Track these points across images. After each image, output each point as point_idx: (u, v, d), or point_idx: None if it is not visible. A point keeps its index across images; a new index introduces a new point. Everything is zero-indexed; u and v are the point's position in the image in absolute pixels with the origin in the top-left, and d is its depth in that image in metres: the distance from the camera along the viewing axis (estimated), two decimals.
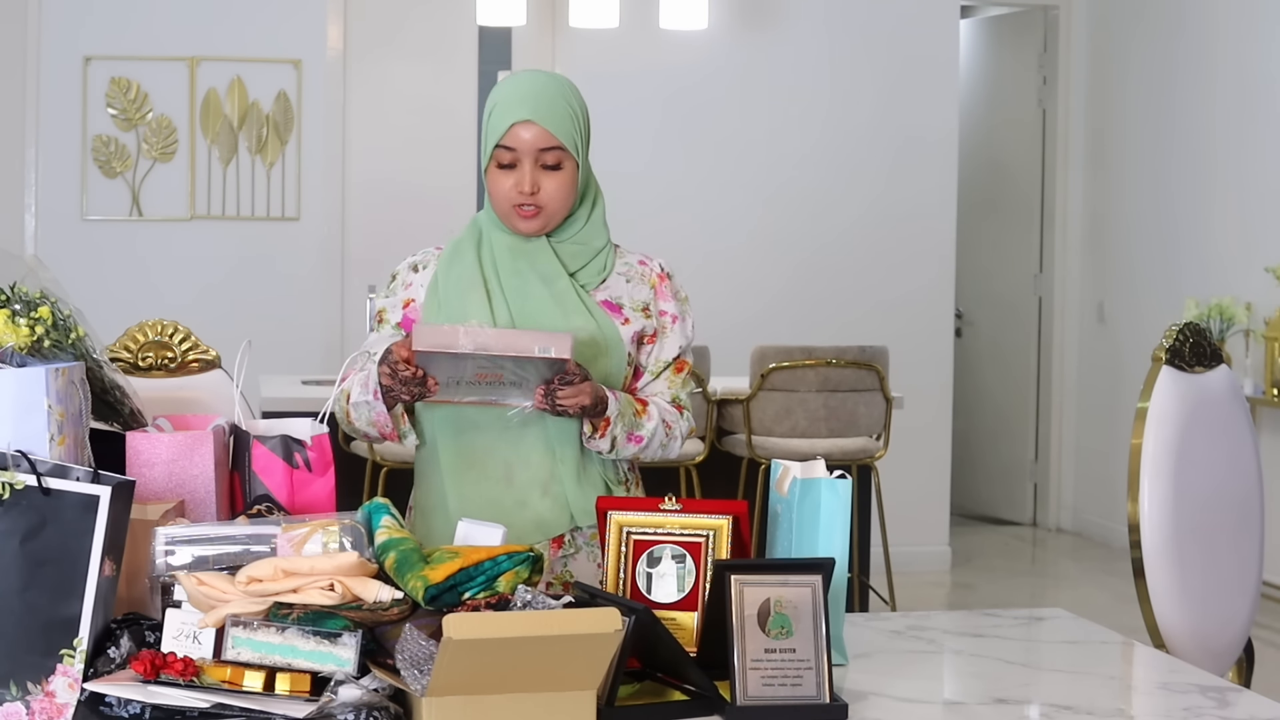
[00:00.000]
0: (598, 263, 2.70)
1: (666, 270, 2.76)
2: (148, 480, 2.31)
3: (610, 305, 2.70)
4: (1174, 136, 7.58)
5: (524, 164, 2.60)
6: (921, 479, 7.41)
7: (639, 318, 2.71)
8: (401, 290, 2.73)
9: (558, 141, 2.60)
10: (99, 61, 6.83)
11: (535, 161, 2.59)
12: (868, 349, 5.82)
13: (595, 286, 2.69)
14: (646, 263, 2.76)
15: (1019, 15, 8.54)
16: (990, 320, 8.83)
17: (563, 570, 2.66)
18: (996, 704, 2.24)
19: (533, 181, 2.59)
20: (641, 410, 2.65)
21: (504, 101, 2.62)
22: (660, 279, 2.74)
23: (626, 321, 2.69)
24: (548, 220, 2.64)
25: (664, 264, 2.77)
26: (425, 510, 2.71)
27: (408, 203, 7.06)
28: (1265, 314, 6.73)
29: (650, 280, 2.74)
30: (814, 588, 2.17)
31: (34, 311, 2.26)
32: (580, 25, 6.91)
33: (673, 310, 2.74)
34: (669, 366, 2.74)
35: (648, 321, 2.71)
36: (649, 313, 2.72)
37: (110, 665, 2.01)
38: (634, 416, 2.63)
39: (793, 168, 7.37)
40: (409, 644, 1.93)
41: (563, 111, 2.62)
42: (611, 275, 2.72)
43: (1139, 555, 2.96)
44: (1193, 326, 3.08)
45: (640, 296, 2.72)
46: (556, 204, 2.63)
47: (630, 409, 2.63)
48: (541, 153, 2.59)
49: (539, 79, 2.67)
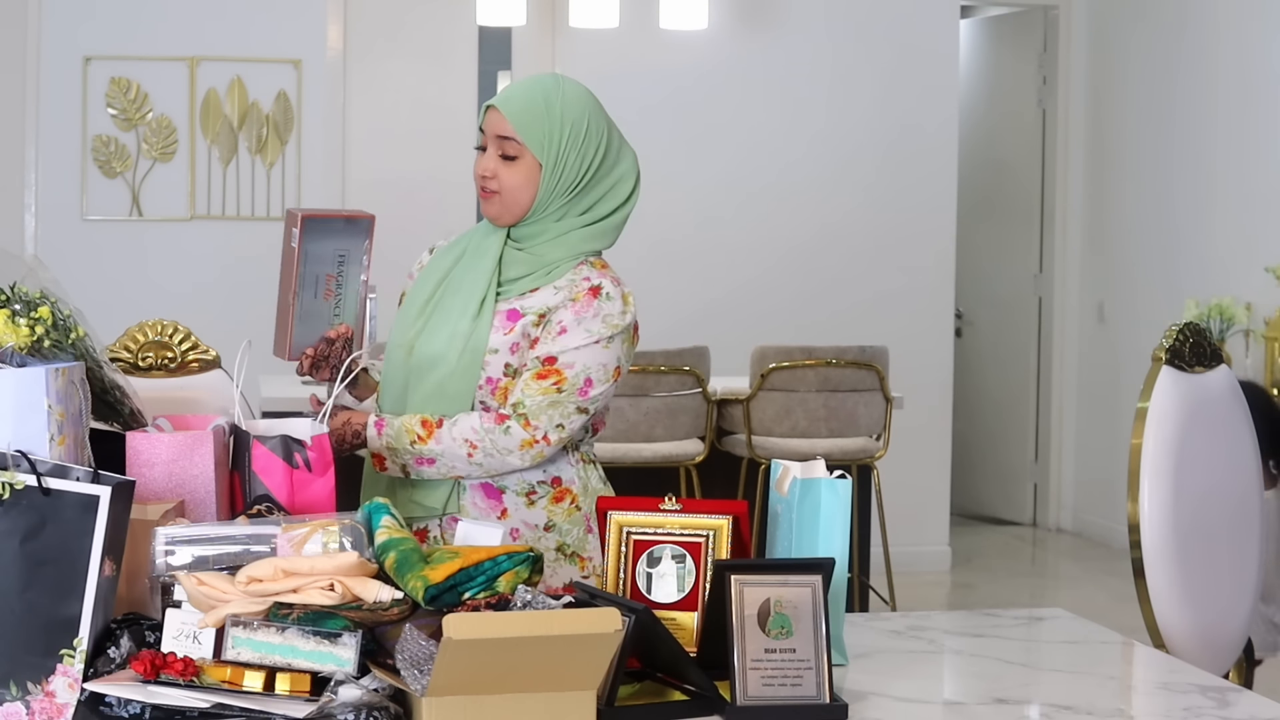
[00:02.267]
0: (537, 276, 2.67)
1: (602, 286, 2.65)
2: (148, 480, 2.31)
3: (513, 314, 2.66)
4: (1174, 136, 7.58)
5: (490, 149, 2.68)
6: (921, 479, 7.41)
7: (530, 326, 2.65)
8: (416, 270, 2.87)
9: (512, 132, 2.64)
10: (99, 61, 6.83)
11: (497, 149, 2.67)
12: (868, 349, 5.82)
13: (520, 293, 2.67)
14: (590, 278, 2.66)
15: (1019, 15, 8.54)
16: (990, 320, 8.83)
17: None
18: (996, 704, 2.24)
19: (487, 165, 2.67)
20: (425, 437, 2.62)
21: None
22: (589, 292, 2.64)
23: (510, 331, 2.65)
24: (504, 209, 2.67)
25: (609, 281, 2.66)
26: None
27: (408, 203, 7.05)
28: (1265, 314, 6.73)
29: (575, 293, 2.64)
30: (814, 588, 2.17)
31: (34, 311, 2.26)
32: (580, 25, 6.91)
33: (570, 323, 2.62)
34: (531, 371, 2.63)
35: (535, 329, 2.64)
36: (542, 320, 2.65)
37: (110, 665, 2.01)
38: (411, 444, 2.63)
39: (793, 168, 7.37)
40: (409, 644, 1.93)
41: (535, 109, 2.64)
42: (546, 286, 2.66)
43: (1139, 555, 2.96)
44: (1193, 326, 3.08)
45: (550, 302, 2.65)
46: (510, 195, 2.66)
47: (407, 438, 2.63)
48: (500, 140, 2.66)
49: (540, 79, 2.72)
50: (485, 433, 2.61)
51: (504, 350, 2.65)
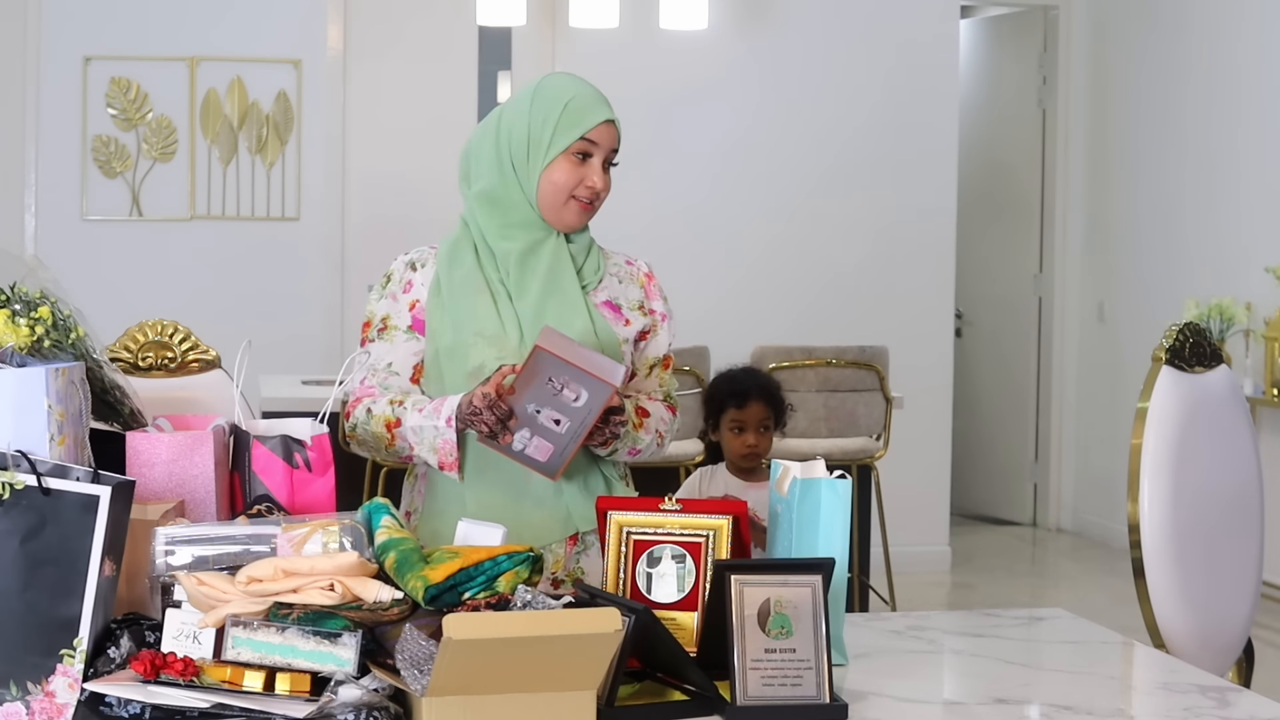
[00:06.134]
0: (593, 260, 2.76)
1: (650, 269, 2.84)
2: (148, 480, 2.31)
3: (611, 306, 2.73)
4: (1174, 136, 7.58)
5: (596, 160, 2.67)
6: (921, 479, 7.40)
7: (638, 316, 2.77)
8: (402, 293, 2.74)
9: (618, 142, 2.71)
10: (99, 61, 6.83)
11: (605, 160, 2.68)
12: (868, 349, 5.82)
13: (594, 287, 2.73)
14: (633, 263, 2.83)
15: (1019, 15, 8.54)
16: (990, 320, 8.83)
17: (575, 567, 2.68)
18: (996, 704, 2.24)
19: (602, 179, 2.68)
20: (639, 424, 2.68)
21: (581, 97, 2.67)
22: (648, 278, 2.82)
23: (628, 323, 2.74)
24: (592, 216, 2.73)
25: (647, 263, 2.85)
26: (435, 514, 2.72)
27: (407, 202, 7.06)
28: (1265, 314, 6.73)
29: (639, 279, 2.81)
30: (814, 588, 2.17)
31: (34, 311, 2.26)
32: (580, 25, 6.91)
33: (661, 309, 2.80)
34: (658, 364, 2.80)
35: (646, 319, 2.77)
36: (644, 310, 2.78)
37: (110, 665, 2.01)
38: (633, 431, 2.66)
39: (792, 168, 7.37)
40: (409, 644, 1.93)
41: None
42: (606, 276, 2.77)
43: (1139, 555, 2.96)
44: (1193, 326, 3.08)
45: (634, 295, 2.79)
46: (602, 202, 2.72)
47: (631, 427, 2.66)
48: (612, 153, 2.70)
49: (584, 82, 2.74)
50: (668, 425, 2.75)
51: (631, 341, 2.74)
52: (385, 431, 2.63)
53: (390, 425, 2.63)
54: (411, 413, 2.61)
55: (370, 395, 2.69)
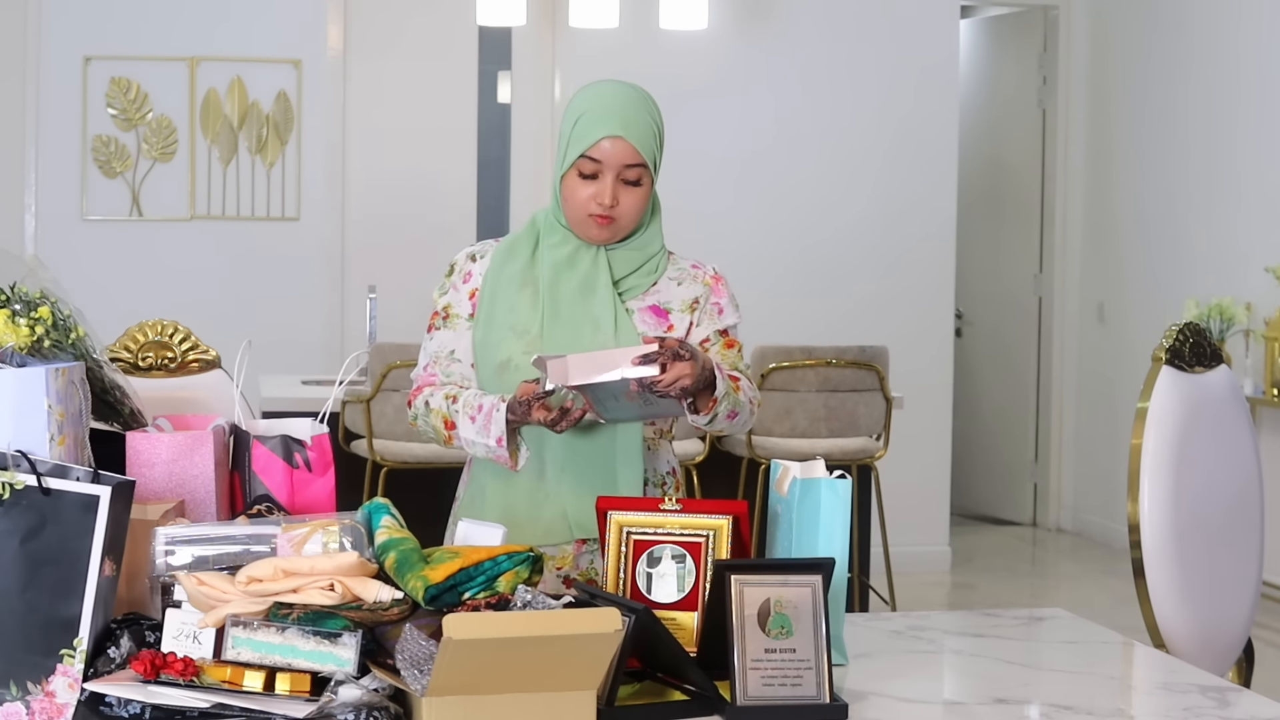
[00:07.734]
0: (649, 267, 2.72)
1: (718, 273, 2.80)
2: (148, 480, 2.31)
3: (656, 310, 2.72)
4: (1174, 136, 7.58)
5: (605, 176, 2.63)
6: (921, 479, 7.40)
7: (684, 316, 2.72)
8: (462, 283, 2.76)
9: (641, 159, 2.63)
10: (99, 61, 6.83)
11: (617, 175, 2.62)
12: (868, 349, 5.82)
13: (644, 290, 2.72)
14: (699, 266, 2.79)
15: (1019, 15, 8.54)
16: (990, 320, 8.83)
17: (588, 567, 2.68)
18: (996, 704, 2.24)
19: (613, 195, 2.62)
20: (736, 388, 2.64)
21: (593, 112, 2.64)
22: (714, 279, 2.78)
23: (671, 327, 2.71)
24: (618, 231, 2.67)
25: (716, 268, 2.80)
26: (467, 503, 2.75)
27: (408, 203, 7.06)
28: (1265, 314, 6.73)
29: (704, 280, 2.76)
30: (814, 588, 2.17)
31: (34, 311, 2.26)
32: (580, 25, 6.90)
33: (725, 304, 2.76)
34: (719, 340, 2.74)
35: (694, 315, 2.73)
36: (697, 305, 2.73)
37: (110, 665, 2.01)
38: (734, 394, 2.62)
39: (792, 168, 7.37)
40: (409, 644, 1.93)
41: (647, 128, 2.66)
42: (662, 279, 2.74)
43: (1139, 555, 2.96)
44: (1193, 326, 3.08)
45: (690, 294, 2.74)
46: (630, 217, 2.66)
47: (731, 388, 2.62)
48: (625, 168, 2.63)
49: (628, 93, 2.69)
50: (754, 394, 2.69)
51: None
52: (444, 429, 2.67)
53: (447, 424, 2.66)
54: (464, 420, 2.63)
55: (431, 384, 2.72)
